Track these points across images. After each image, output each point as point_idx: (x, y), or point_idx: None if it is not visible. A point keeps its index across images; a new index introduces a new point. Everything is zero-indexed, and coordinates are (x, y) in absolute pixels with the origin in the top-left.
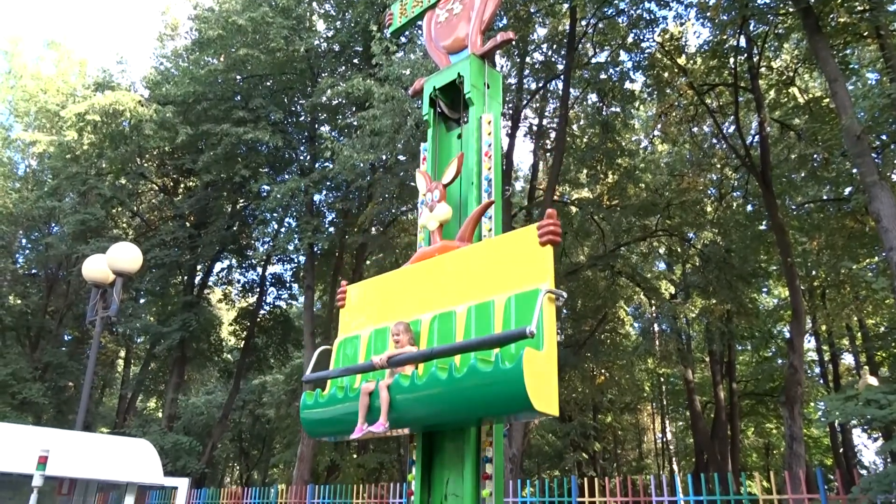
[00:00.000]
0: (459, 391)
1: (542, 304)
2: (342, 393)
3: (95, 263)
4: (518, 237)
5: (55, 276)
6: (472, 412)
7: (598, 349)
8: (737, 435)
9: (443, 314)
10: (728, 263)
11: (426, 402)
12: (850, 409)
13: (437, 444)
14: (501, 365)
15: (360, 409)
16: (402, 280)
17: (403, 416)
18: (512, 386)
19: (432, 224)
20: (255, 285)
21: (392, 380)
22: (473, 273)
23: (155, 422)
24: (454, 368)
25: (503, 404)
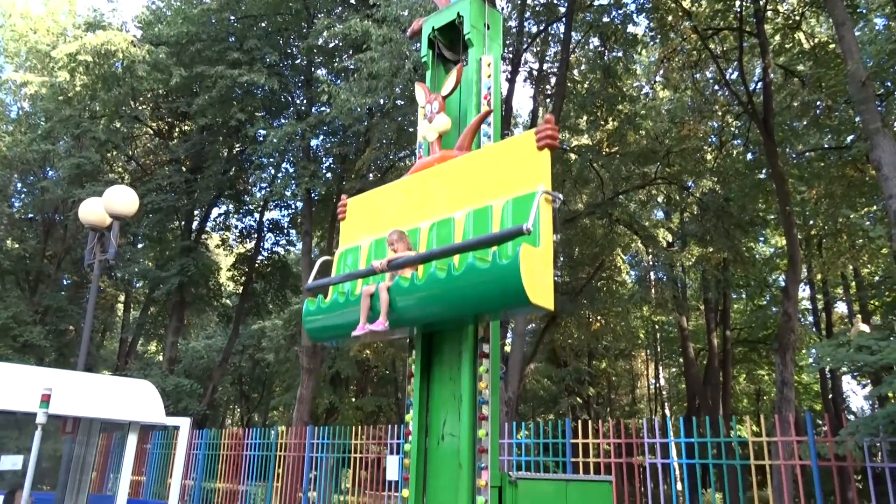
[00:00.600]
0: (458, 289)
1: (538, 204)
2: (343, 298)
3: (92, 206)
4: (516, 143)
5: (52, 221)
6: (470, 308)
7: (595, 296)
8: (728, 381)
9: (441, 221)
10: (726, 212)
11: (426, 302)
12: (842, 354)
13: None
14: (499, 261)
15: (362, 311)
16: (402, 190)
17: (404, 316)
18: (509, 280)
19: (431, 135)
20: (252, 231)
21: (392, 282)
22: (472, 180)
23: (156, 365)
24: (452, 267)
25: (500, 299)
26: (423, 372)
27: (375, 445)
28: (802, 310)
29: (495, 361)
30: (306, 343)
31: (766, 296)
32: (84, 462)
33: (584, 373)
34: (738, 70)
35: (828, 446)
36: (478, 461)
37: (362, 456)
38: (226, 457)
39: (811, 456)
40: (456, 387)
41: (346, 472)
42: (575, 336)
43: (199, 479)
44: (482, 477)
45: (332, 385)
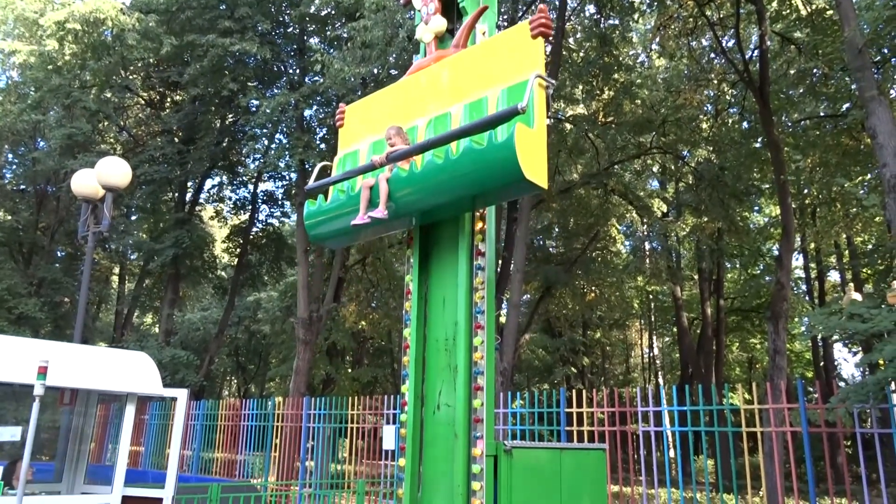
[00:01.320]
0: (456, 172)
1: (532, 86)
2: (344, 195)
3: (84, 178)
4: (510, 34)
5: (44, 192)
6: (467, 190)
7: (590, 267)
8: (721, 349)
9: (438, 117)
10: (721, 181)
11: (424, 188)
12: (834, 322)
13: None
14: (494, 140)
15: (362, 202)
16: (399, 92)
17: (403, 205)
18: (505, 157)
19: (427, 36)
20: (246, 203)
21: (391, 173)
22: (468, 75)
23: (152, 337)
24: (450, 152)
25: (496, 177)
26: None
27: (372, 416)
28: (795, 279)
29: (490, 332)
30: (302, 315)
31: (759, 265)
32: (82, 433)
33: (579, 343)
34: (734, 38)
35: (818, 413)
36: (473, 430)
37: (359, 426)
38: (223, 427)
39: (802, 422)
40: (452, 357)
41: (342, 442)
42: (570, 306)
43: (197, 449)
44: (477, 446)
45: (328, 356)
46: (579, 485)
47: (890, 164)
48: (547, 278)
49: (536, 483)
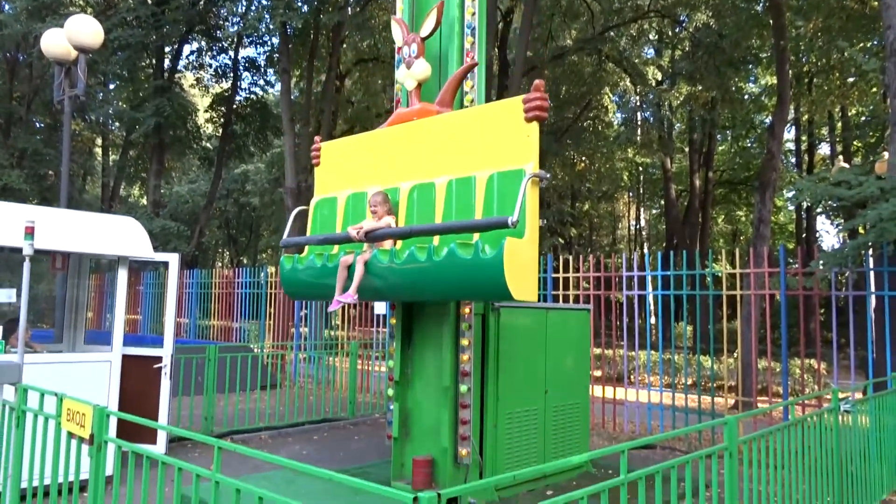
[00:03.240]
0: (438, 273)
1: (525, 190)
2: (320, 261)
3: (54, 38)
4: (502, 108)
5: (15, 59)
6: (449, 294)
7: (580, 137)
8: (707, 221)
9: (422, 185)
10: (719, 48)
11: (403, 284)
12: (821, 189)
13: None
14: (482, 253)
15: (338, 282)
16: (380, 142)
17: (381, 291)
18: (491, 274)
19: (410, 83)
20: (227, 70)
21: (370, 254)
22: (454, 142)
23: (140, 209)
24: (433, 251)
25: (481, 290)
26: None
27: None
28: (785, 150)
29: None
30: (290, 185)
31: (750, 137)
32: (78, 301)
33: (567, 214)
34: None
35: (797, 279)
36: None
37: None
38: (218, 295)
39: (781, 286)
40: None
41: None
42: (559, 177)
43: (193, 317)
44: (466, 305)
45: None
46: (564, 342)
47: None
48: None
49: (523, 339)
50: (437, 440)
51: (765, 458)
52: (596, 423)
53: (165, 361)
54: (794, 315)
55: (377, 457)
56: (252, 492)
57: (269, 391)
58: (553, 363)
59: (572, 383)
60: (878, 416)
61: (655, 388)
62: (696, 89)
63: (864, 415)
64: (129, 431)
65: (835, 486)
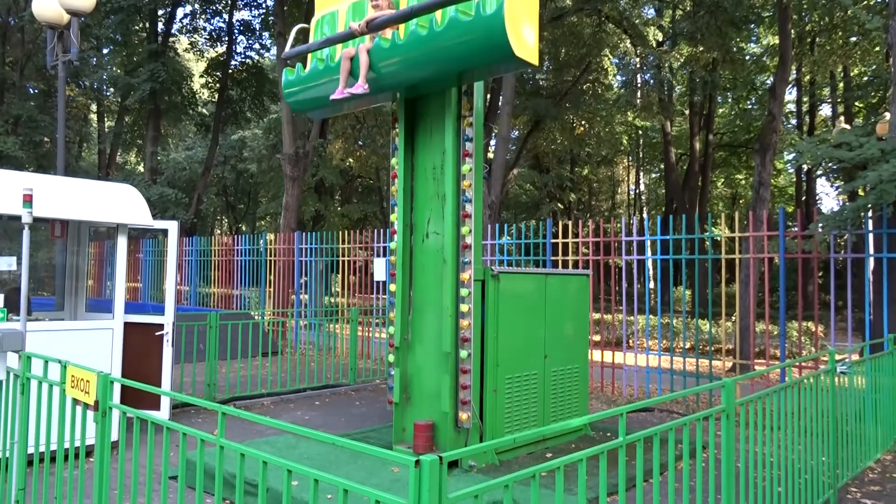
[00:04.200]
0: (441, 45)
1: None
2: (323, 65)
3: (46, 2)
4: None
5: (6, 24)
6: (453, 65)
7: (580, 100)
8: (707, 185)
9: None
10: (720, 7)
11: (407, 61)
12: (822, 150)
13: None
14: (482, 12)
15: (342, 75)
16: None
17: (386, 78)
18: (492, 30)
19: None
20: (222, 34)
21: (372, 44)
22: None
23: (138, 176)
24: (434, 23)
25: (484, 53)
26: (406, 148)
27: (362, 250)
28: (787, 113)
29: (478, 161)
30: (288, 151)
31: (751, 99)
32: (78, 269)
33: (566, 179)
34: None
35: (796, 242)
36: (461, 257)
37: (350, 259)
38: (217, 263)
39: (780, 249)
40: (440, 185)
41: (335, 277)
42: (558, 141)
43: (193, 285)
44: (466, 271)
45: (316, 193)
46: (564, 307)
47: None
48: (536, 112)
49: (522, 305)
50: (437, 405)
51: (762, 420)
52: (595, 387)
53: (167, 329)
54: (793, 278)
55: (378, 422)
56: (256, 456)
57: (271, 358)
58: (552, 328)
59: (571, 348)
60: (874, 378)
61: (654, 352)
62: (696, 50)
63: (861, 376)
64: (133, 399)
65: (830, 447)
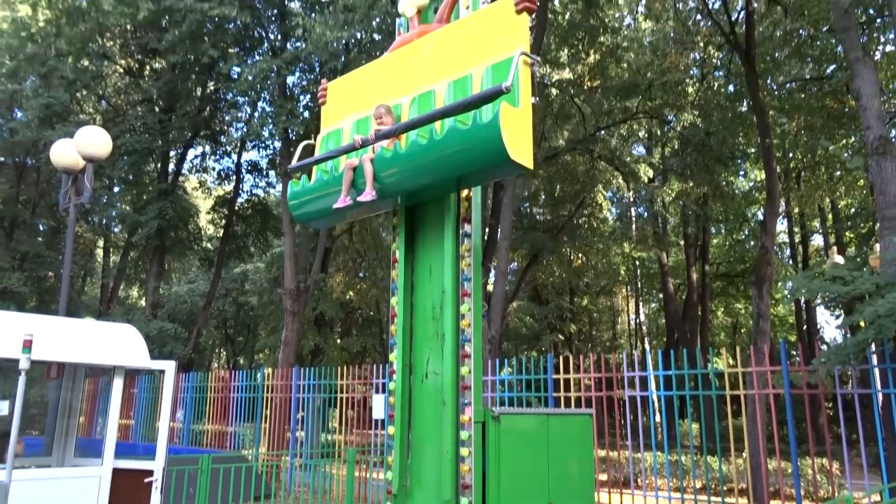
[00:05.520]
0: (440, 153)
1: (517, 64)
2: (327, 175)
3: (64, 149)
4: (494, 9)
5: (24, 165)
6: (452, 171)
7: (576, 234)
8: (707, 314)
9: (422, 94)
10: (707, 146)
11: (409, 169)
12: (816, 285)
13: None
14: (479, 120)
15: (344, 184)
16: (382, 68)
17: (388, 187)
18: (490, 138)
19: (409, 10)
20: (230, 172)
21: (375, 154)
22: (451, 51)
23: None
24: (434, 132)
25: (481, 157)
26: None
27: (361, 385)
28: (779, 243)
29: (477, 300)
30: (289, 285)
31: (744, 230)
32: (71, 407)
33: (566, 310)
34: None
35: (801, 375)
36: (461, 398)
37: (348, 396)
38: (213, 399)
39: (784, 384)
40: (439, 325)
41: (332, 412)
42: (557, 274)
43: (187, 422)
44: (465, 413)
45: (316, 326)
46: (567, 449)
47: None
48: (534, 245)
49: (524, 448)
50: None
51: None
52: None
53: (157, 475)
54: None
55: None
56: None
57: (263, 502)
58: (556, 471)
59: (576, 491)
60: None
61: (664, 493)
62: (687, 185)
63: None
64: None
65: None
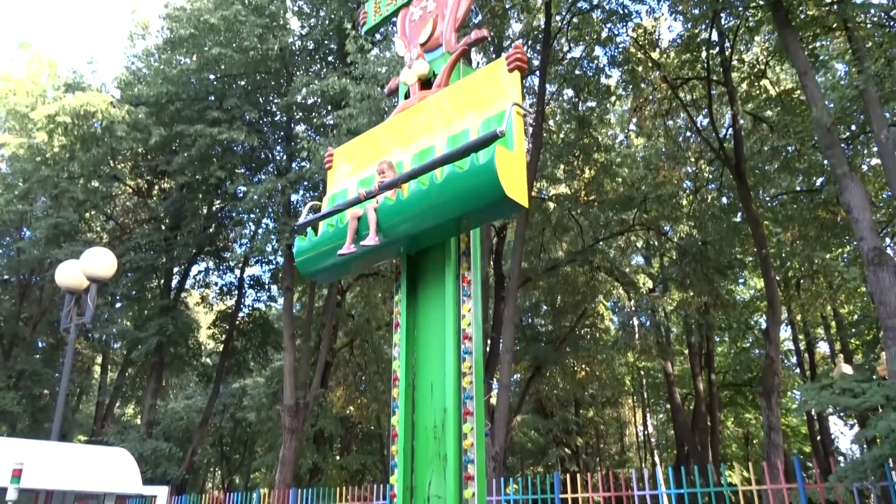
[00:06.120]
0: (441, 195)
1: (510, 113)
2: (332, 228)
3: (69, 270)
4: (488, 70)
5: (28, 282)
6: (452, 211)
7: (579, 345)
8: (716, 426)
9: (423, 151)
10: (704, 256)
11: (411, 214)
12: (826, 398)
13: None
14: (476, 163)
15: (349, 232)
16: (385, 131)
17: (391, 232)
18: (486, 176)
19: (410, 79)
20: (233, 288)
21: (379, 204)
22: (450, 109)
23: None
24: (434, 178)
25: (479, 197)
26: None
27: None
28: (785, 351)
29: (480, 418)
30: (288, 402)
31: (748, 338)
32: None
33: (572, 423)
34: (708, 117)
35: (818, 492)
36: None
37: None
38: None
39: (801, 502)
40: (441, 445)
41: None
42: (560, 386)
43: None
44: None
45: (315, 444)
46: None
47: (867, 237)
48: (536, 357)
49: None
50: None
51: None
52: None
53: None
54: None
55: None
56: None
57: None
58: None
59: None
60: None
61: None
62: (687, 295)
63: None
64: None
65: None
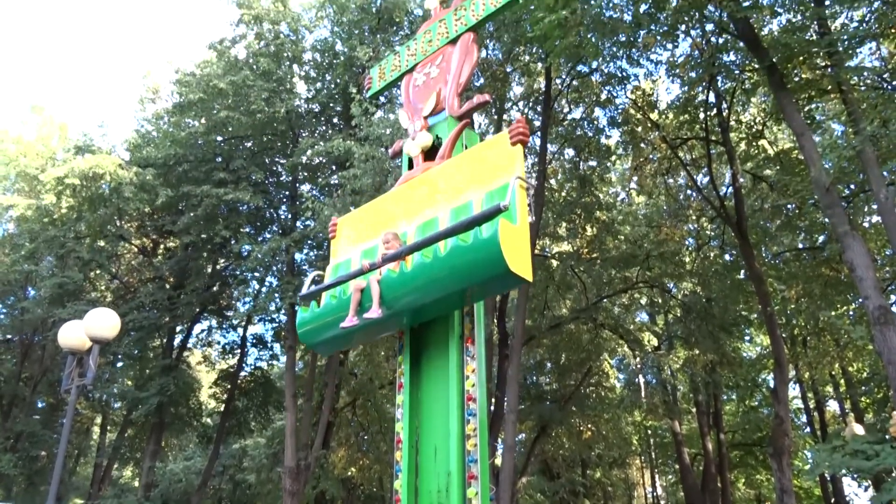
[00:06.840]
0: (444, 268)
1: (514, 187)
2: (335, 300)
3: (72, 330)
4: (491, 143)
5: (30, 342)
6: (456, 284)
7: (584, 403)
8: (727, 487)
9: (426, 222)
10: (709, 313)
11: (415, 287)
12: (838, 460)
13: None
14: (480, 236)
15: (352, 305)
16: (389, 202)
17: (394, 305)
18: (489, 250)
19: (414, 150)
20: (235, 346)
21: (382, 276)
22: (453, 181)
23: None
24: (437, 251)
25: (483, 270)
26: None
27: None
28: (795, 409)
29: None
30: (289, 464)
31: (756, 397)
32: None
33: (579, 484)
34: (708, 176)
35: None
36: None
37: None
38: None
39: None
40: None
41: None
42: (566, 446)
43: None
44: None
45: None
46: None
47: (872, 296)
48: (541, 417)
49: None
50: None
51: None
52: None
53: None
54: None
55: None
56: None
57: None
58: None
59: None
60: None
61: None
62: (693, 353)
63: None
64: None
65: None
